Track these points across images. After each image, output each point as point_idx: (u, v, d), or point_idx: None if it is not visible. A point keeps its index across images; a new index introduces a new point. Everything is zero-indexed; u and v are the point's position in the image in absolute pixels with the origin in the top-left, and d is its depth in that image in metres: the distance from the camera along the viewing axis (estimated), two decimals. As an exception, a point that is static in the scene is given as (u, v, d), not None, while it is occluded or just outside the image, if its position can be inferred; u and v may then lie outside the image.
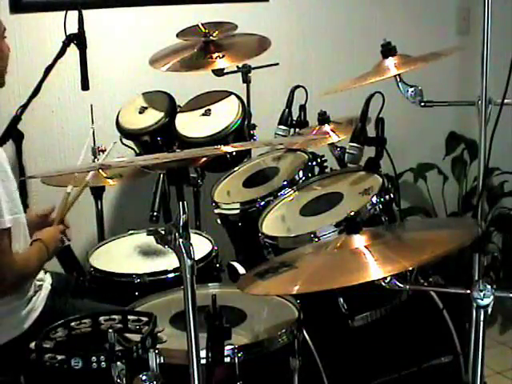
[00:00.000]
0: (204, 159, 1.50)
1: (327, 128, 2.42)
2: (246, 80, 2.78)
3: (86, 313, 1.71)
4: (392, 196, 2.07)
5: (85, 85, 2.41)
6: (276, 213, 2.23)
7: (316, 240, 1.96)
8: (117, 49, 3.02)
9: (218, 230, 2.48)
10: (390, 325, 2.05)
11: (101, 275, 2.27)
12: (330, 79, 3.18)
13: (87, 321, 1.66)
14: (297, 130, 2.58)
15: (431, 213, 3.58)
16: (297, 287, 1.53)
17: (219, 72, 2.68)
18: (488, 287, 1.44)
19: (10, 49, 2.10)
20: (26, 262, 1.98)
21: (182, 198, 1.40)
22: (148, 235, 1.48)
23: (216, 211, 2.42)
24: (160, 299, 1.97)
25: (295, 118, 2.60)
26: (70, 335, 1.63)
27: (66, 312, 1.99)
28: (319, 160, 2.44)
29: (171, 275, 2.19)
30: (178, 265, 1.40)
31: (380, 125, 2.16)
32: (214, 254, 2.36)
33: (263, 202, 2.29)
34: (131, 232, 2.56)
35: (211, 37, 2.64)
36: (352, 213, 1.72)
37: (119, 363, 1.46)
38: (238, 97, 2.68)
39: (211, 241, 2.43)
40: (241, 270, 2.04)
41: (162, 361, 1.56)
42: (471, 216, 2.97)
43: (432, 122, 3.52)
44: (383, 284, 1.57)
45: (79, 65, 2.39)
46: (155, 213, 1.52)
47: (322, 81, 3.15)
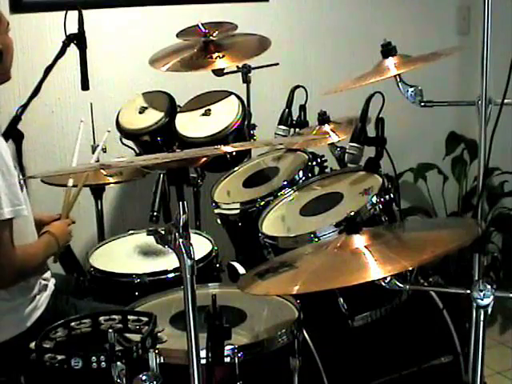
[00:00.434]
0: (204, 159, 1.50)
1: (327, 128, 2.42)
2: (246, 80, 2.78)
3: (87, 313, 1.71)
4: (392, 196, 2.07)
5: (85, 85, 2.41)
6: (276, 213, 2.23)
7: (316, 240, 1.96)
8: (117, 49, 3.03)
9: (218, 230, 2.48)
10: (390, 325, 2.05)
11: (101, 275, 2.27)
12: (330, 79, 3.18)
13: (87, 321, 1.66)
14: (297, 130, 2.59)
15: (431, 213, 3.58)
16: (297, 287, 1.53)
17: (219, 72, 2.67)
18: (488, 287, 1.44)
19: (12, 42, 2.10)
20: (29, 255, 1.98)
21: (182, 198, 1.40)
22: (148, 235, 1.47)
23: (216, 211, 2.42)
24: (160, 299, 1.97)
25: (295, 118, 2.61)
26: (70, 335, 1.63)
27: (67, 312, 2.00)
28: (319, 160, 2.44)
29: (171, 275, 2.19)
30: (178, 265, 1.40)
31: (380, 125, 2.16)
32: (214, 254, 2.36)
33: (263, 202, 2.29)
34: (131, 232, 2.56)
35: (211, 37, 2.64)
36: (352, 213, 1.72)
37: (119, 363, 1.46)
38: (238, 97, 2.68)
39: (211, 241, 2.43)
40: (241, 270, 2.04)
41: (162, 361, 1.56)
42: (471, 216, 2.98)
43: (432, 122, 3.52)
44: (383, 284, 1.57)
45: (79, 65, 2.39)
46: (155, 213, 1.52)
47: (322, 81, 3.15)
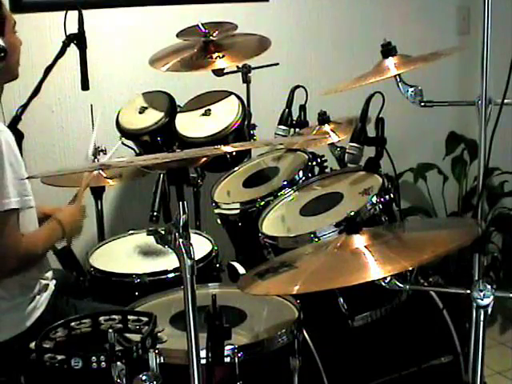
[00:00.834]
0: (204, 159, 1.50)
1: (327, 128, 2.42)
2: (246, 80, 2.78)
3: (87, 313, 1.71)
4: (392, 196, 2.07)
5: (85, 85, 2.41)
6: (276, 213, 2.23)
7: (316, 240, 1.96)
8: (117, 49, 3.02)
9: (218, 230, 2.48)
10: (390, 325, 2.05)
11: (101, 275, 2.27)
12: (330, 79, 3.18)
13: (87, 321, 1.66)
14: (297, 130, 2.59)
15: (431, 213, 3.58)
16: (297, 287, 1.52)
17: (219, 72, 2.67)
18: (488, 287, 1.44)
19: (22, 42, 2.10)
20: (32, 243, 1.98)
21: (182, 198, 1.40)
22: (148, 235, 1.47)
23: (216, 211, 2.42)
24: (160, 299, 1.97)
25: (295, 118, 2.60)
26: (70, 335, 1.63)
27: (67, 312, 1.99)
28: (319, 160, 2.44)
29: (171, 275, 2.19)
30: (178, 265, 1.40)
31: (380, 125, 2.16)
32: (214, 254, 2.36)
33: (263, 202, 2.29)
34: (131, 232, 2.56)
35: (211, 37, 2.64)
36: (352, 213, 1.72)
37: (119, 363, 1.46)
38: (238, 97, 2.68)
39: (211, 241, 2.43)
40: (241, 270, 2.03)
41: (162, 361, 1.56)
42: (471, 216, 2.98)
43: (432, 122, 3.52)
44: (383, 284, 1.57)
45: (79, 65, 2.39)
46: (155, 213, 1.52)
47: (322, 81, 3.15)
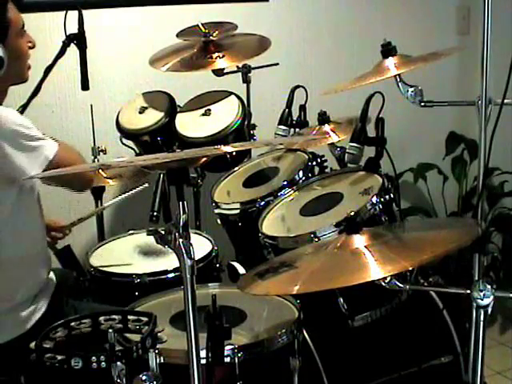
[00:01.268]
0: (204, 159, 1.50)
1: (327, 128, 2.42)
2: (246, 80, 2.78)
3: (87, 313, 1.70)
4: (392, 196, 2.07)
5: (85, 85, 2.41)
6: (276, 213, 2.23)
7: (316, 240, 1.96)
8: (117, 49, 3.02)
9: (218, 230, 2.48)
10: (390, 325, 2.05)
11: (101, 275, 2.27)
12: (330, 79, 3.17)
13: (87, 321, 1.66)
14: (297, 130, 2.59)
15: (431, 213, 3.58)
16: (297, 287, 1.52)
17: (219, 72, 2.67)
18: (488, 287, 1.44)
19: (35, 44, 2.09)
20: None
21: (182, 198, 1.40)
22: (148, 235, 1.47)
23: (216, 211, 2.42)
24: (160, 299, 1.97)
25: (295, 118, 2.60)
26: (70, 335, 1.63)
27: (68, 312, 1.99)
28: (319, 160, 2.44)
29: (171, 275, 2.19)
30: (178, 265, 1.40)
31: (380, 125, 2.16)
32: (214, 254, 2.36)
33: (263, 202, 2.29)
34: (131, 232, 2.56)
35: (211, 37, 2.64)
36: (352, 213, 1.72)
37: (119, 363, 1.46)
38: (238, 97, 2.67)
39: (211, 241, 2.43)
40: (241, 270, 2.03)
41: (162, 361, 1.56)
42: (471, 216, 2.98)
43: (432, 122, 3.52)
44: (383, 284, 1.57)
45: (79, 65, 2.39)
46: (155, 213, 1.52)
47: (322, 81, 3.15)
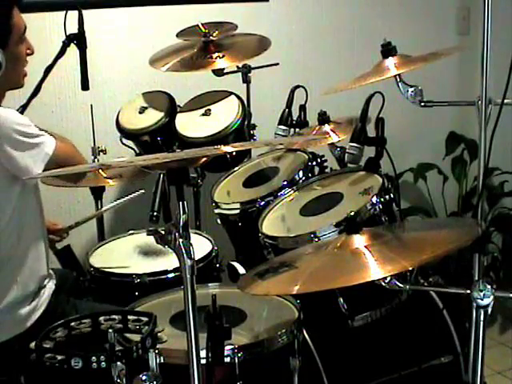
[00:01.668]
0: (204, 159, 1.50)
1: (327, 128, 2.42)
2: (246, 80, 2.78)
3: (87, 313, 1.70)
4: (392, 196, 2.07)
5: (85, 85, 2.41)
6: (276, 213, 2.23)
7: (316, 240, 1.96)
8: (117, 49, 3.02)
9: (218, 230, 2.48)
10: (390, 325, 2.05)
11: (101, 275, 2.27)
12: (330, 79, 3.17)
13: (87, 321, 1.66)
14: (297, 130, 2.58)
15: (431, 213, 3.58)
16: (297, 287, 1.53)
17: (219, 72, 2.67)
18: (488, 287, 1.44)
19: (33, 50, 2.09)
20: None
21: (182, 198, 1.40)
22: (148, 235, 1.47)
23: (216, 211, 2.42)
24: (160, 299, 1.97)
25: (295, 118, 2.60)
26: (70, 335, 1.63)
27: (68, 312, 1.99)
28: (319, 160, 2.44)
29: (171, 275, 2.19)
30: (178, 265, 1.40)
31: (380, 125, 2.16)
32: (214, 254, 2.36)
33: (263, 202, 2.29)
34: (131, 232, 2.56)
35: (211, 37, 2.64)
36: (352, 213, 1.72)
37: (119, 363, 1.46)
38: (238, 97, 2.67)
39: (211, 241, 2.43)
40: (241, 270, 2.03)
41: (162, 361, 1.56)
42: (471, 216, 2.97)
43: (432, 122, 3.52)
44: (383, 284, 1.57)
45: (79, 65, 2.39)
46: (155, 213, 1.52)
47: (322, 81, 3.14)
